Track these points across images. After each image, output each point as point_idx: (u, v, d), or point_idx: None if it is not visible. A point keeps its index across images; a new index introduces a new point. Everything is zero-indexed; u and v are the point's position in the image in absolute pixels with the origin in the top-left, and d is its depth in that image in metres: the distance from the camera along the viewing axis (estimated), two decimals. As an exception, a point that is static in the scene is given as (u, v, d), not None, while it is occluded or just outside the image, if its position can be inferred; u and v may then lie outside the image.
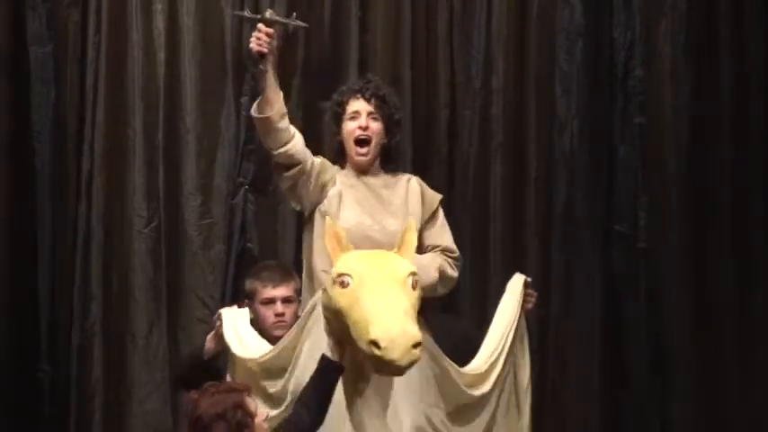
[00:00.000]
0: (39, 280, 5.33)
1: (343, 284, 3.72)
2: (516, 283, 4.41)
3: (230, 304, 4.81)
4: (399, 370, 3.60)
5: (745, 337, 5.66)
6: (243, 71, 5.42)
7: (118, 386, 5.32)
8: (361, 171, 4.36)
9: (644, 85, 5.68)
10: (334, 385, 3.82)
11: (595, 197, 5.66)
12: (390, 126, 4.38)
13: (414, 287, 3.74)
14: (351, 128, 4.35)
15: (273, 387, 4.08)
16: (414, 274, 3.77)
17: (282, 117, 4.26)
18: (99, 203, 5.37)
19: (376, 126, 4.35)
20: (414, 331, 3.57)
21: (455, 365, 4.15)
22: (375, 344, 3.53)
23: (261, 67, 4.26)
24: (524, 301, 4.38)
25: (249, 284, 4.68)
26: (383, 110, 4.36)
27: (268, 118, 4.23)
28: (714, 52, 5.73)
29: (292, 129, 4.31)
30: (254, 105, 4.29)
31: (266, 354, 4.13)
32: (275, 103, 4.24)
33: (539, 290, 5.40)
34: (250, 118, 4.45)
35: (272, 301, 4.59)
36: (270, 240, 5.43)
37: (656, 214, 5.67)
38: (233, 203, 5.42)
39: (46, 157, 5.34)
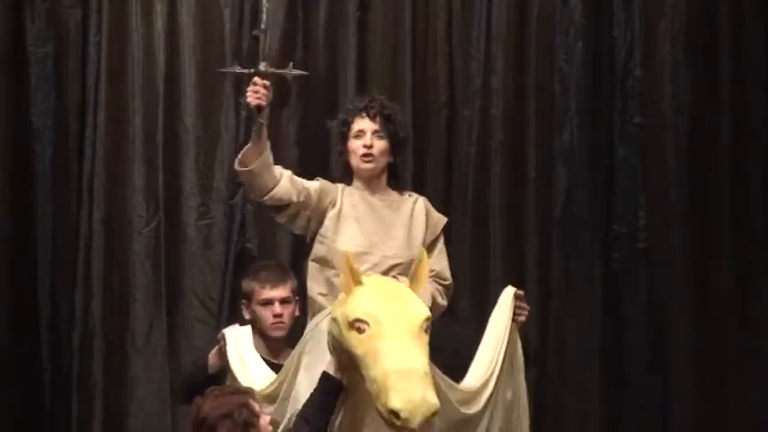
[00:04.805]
0: (39, 280, 5.34)
1: (360, 330, 3.66)
2: (506, 296, 4.28)
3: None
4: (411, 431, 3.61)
5: (745, 337, 5.67)
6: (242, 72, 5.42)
7: (118, 386, 5.33)
8: (368, 187, 4.29)
9: (644, 85, 5.67)
10: (335, 401, 3.81)
11: (595, 197, 5.65)
12: (396, 144, 4.31)
13: (426, 331, 3.72)
14: (356, 146, 4.27)
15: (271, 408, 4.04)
16: (428, 319, 3.75)
17: (267, 167, 4.15)
18: (99, 204, 5.37)
19: (381, 144, 4.26)
20: (433, 400, 3.54)
21: (448, 380, 4.05)
22: (394, 413, 3.51)
23: (260, 120, 4.12)
24: (517, 314, 4.26)
25: (246, 285, 4.67)
26: (388, 128, 4.28)
27: (251, 170, 4.13)
28: (714, 52, 5.74)
29: (277, 171, 4.19)
30: (238, 158, 4.17)
31: (267, 387, 4.09)
32: (261, 155, 4.13)
33: (538, 289, 5.48)
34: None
35: (269, 302, 4.58)
36: (269, 240, 5.42)
37: (655, 214, 5.66)
38: (232, 203, 5.42)
39: (46, 157, 5.36)
